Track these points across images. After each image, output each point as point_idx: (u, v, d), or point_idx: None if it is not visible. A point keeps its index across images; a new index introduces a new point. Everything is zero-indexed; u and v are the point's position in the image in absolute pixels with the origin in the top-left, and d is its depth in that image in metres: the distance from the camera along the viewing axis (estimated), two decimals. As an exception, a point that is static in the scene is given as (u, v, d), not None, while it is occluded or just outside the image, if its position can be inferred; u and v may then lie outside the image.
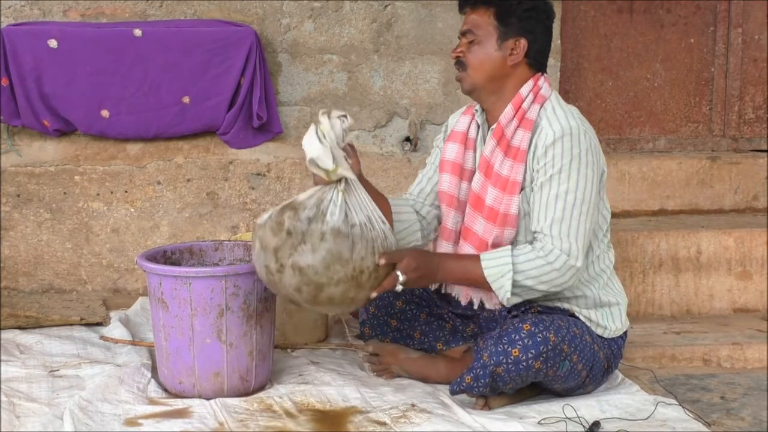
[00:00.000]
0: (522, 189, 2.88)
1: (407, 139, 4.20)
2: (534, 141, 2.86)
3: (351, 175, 2.73)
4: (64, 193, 4.04)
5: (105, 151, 4.05)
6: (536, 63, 2.96)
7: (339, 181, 2.73)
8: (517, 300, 2.84)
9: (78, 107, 3.89)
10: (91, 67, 3.85)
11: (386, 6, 4.15)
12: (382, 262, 2.72)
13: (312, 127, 2.73)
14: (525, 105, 2.90)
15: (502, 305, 2.95)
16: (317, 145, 2.69)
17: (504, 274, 2.78)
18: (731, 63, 4.53)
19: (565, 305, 2.95)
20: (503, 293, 2.79)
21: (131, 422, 2.72)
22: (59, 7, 3.97)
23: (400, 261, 2.76)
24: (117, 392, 2.89)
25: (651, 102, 4.55)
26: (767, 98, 4.58)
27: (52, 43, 3.81)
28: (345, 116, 2.76)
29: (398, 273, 2.75)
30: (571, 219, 2.78)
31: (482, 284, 2.83)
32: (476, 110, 3.05)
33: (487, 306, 3.00)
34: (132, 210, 4.09)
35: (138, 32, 3.86)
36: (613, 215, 4.25)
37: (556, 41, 4.26)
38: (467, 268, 2.85)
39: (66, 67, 3.83)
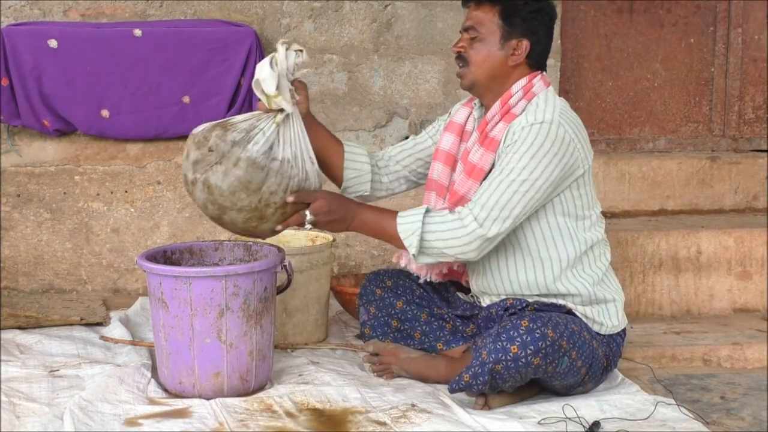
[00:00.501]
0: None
1: (407, 139, 4.20)
2: (507, 130, 2.90)
3: (289, 108, 2.78)
4: (64, 193, 4.04)
5: (105, 151, 4.05)
6: (536, 63, 2.98)
7: (279, 112, 2.78)
8: (427, 260, 2.88)
9: (78, 107, 3.89)
10: (91, 67, 3.85)
11: (386, 6, 4.15)
12: (291, 199, 2.79)
13: (270, 55, 2.79)
14: (512, 101, 2.92)
15: (477, 297, 3.05)
16: (267, 69, 2.75)
17: (414, 231, 2.83)
18: (731, 63, 4.53)
19: (561, 302, 2.96)
20: (411, 251, 2.84)
21: (131, 422, 2.72)
22: (59, 7, 3.98)
23: (313, 201, 2.83)
24: (117, 392, 2.89)
25: (651, 102, 4.55)
26: (767, 98, 4.58)
27: (52, 43, 3.81)
28: (301, 51, 2.81)
29: (306, 213, 2.82)
30: (502, 194, 2.81)
31: (394, 240, 2.88)
32: (475, 104, 3.09)
33: (412, 268, 3.05)
34: (132, 210, 4.09)
35: (138, 32, 3.86)
36: (613, 215, 4.26)
37: (556, 41, 4.26)
38: (383, 222, 2.90)
39: (66, 67, 3.84)
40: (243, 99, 3.93)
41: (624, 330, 3.05)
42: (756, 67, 4.55)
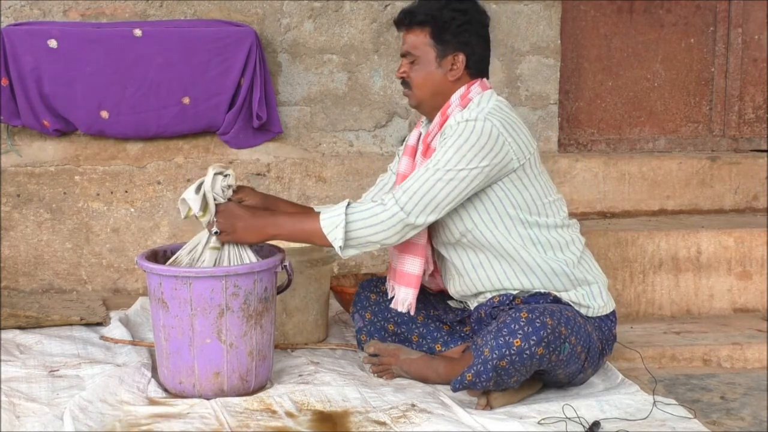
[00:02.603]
0: None
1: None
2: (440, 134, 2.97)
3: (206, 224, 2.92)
4: (64, 193, 4.04)
5: (105, 151, 4.05)
6: (477, 71, 3.03)
7: (214, 235, 2.94)
8: (353, 252, 2.89)
9: (78, 107, 3.88)
10: (91, 67, 3.85)
11: (386, 6, 4.15)
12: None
13: (199, 179, 2.94)
14: (450, 110, 2.98)
15: (468, 307, 3.08)
16: (192, 193, 2.90)
17: (338, 224, 2.85)
18: (731, 63, 4.53)
19: (543, 290, 2.98)
20: (337, 244, 2.85)
21: (131, 422, 2.72)
22: (59, 7, 3.97)
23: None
24: (117, 392, 2.89)
25: (651, 102, 4.55)
26: (767, 98, 4.58)
27: (52, 43, 3.81)
28: (228, 175, 2.94)
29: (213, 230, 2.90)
30: (425, 182, 2.85)
31: (316, 237, 2.90)
32: (423, 122, 3.15)
33: (402, 309, 3.06)
34: (132, 210, 4.09)
35: (138, 32, 3.86)
36: (613, 215, 4.26)
37: (556, 41, 4.26)
38: (302, 222, 2.94)
39: (66, 67, 3.83)
40: (243, 99, 3.93)
41: (613, 313, 3.07)
42: (756, 67, 4.55)
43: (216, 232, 2.90)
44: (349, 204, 2.89)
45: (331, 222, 2.86)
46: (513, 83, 4.26)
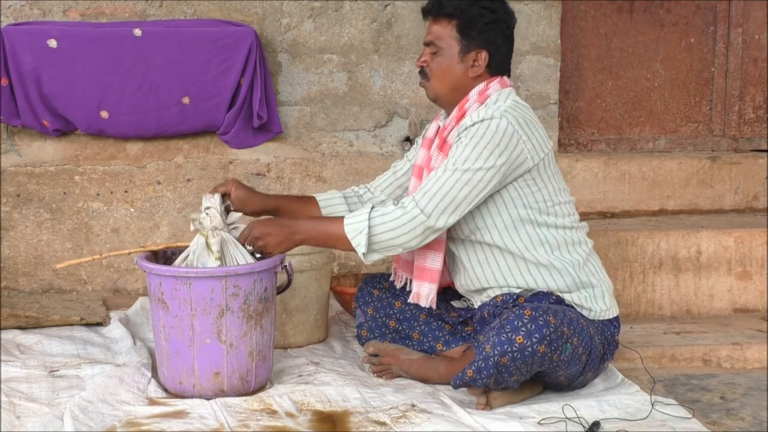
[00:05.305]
0: None
1: (407, 139, 4.21)
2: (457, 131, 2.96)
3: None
4: (64, 193, 4.04)
5: (105, 151, 4.05)
6: (497, 70, 3.03)
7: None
8: (376, 257, 2.90)
9: (78, 107, 3.88)
10: (90, 67, 3.85)
11: (386, 6, 4.15)
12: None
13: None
14: (467, 105, 2.98)
15: (472, 307, 3.09)
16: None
17: (361, 230, 2.86)
18: (731, 63, 4.53)
19: (546, 290, 2.98)
20: (360, 250, 2.86)
21: (131, 422, 2.72)
22: (59, 7, 3.97)
23: (245, 235, 2.94)
24: (117, 392, 2.89)
25: (651, 102, 4.55)
26: (767, 98, 4.58)
27: (52, 42, 3.81)
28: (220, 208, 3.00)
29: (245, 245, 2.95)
30: (443, 184, 2.86)
31: (341, 242, 2.91)
32: (442, 114, 3.14)
33: (422, 303, 3.07)
34: (132, 210, 4.09)
35: (138, 32, 3.86)
36: (613, 215, 4.26)
37: (556, 41, 4.26)
38: (328, 227, 2.95)
39: (66, 67, 3.83)
40: (243, 99, 3.93)
41: (617, 319, 3.07)
42: (756, 66, 4.55)
43: (256, 251, 2.93)
44: (372, 208, 2.89)
45: (355, 227, 2.87)
46: (513, 83, 4.25)
